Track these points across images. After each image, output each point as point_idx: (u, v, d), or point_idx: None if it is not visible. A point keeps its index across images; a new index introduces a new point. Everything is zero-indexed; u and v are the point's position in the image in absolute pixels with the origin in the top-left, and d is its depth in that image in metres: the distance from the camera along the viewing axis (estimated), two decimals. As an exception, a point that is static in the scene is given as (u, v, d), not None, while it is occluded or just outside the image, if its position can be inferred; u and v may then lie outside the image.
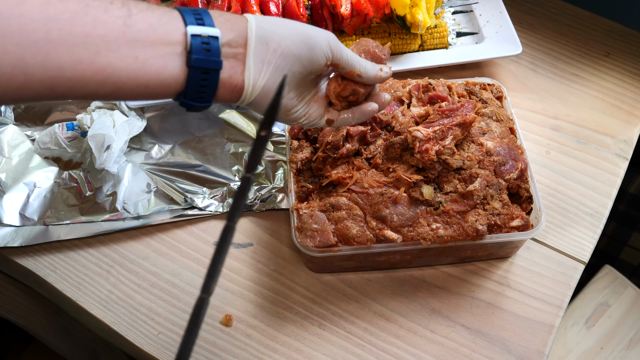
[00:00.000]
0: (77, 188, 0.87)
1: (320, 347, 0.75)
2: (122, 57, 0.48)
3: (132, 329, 0.76)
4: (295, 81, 0.58)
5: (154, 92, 0.51)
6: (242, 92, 0.55)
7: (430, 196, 0.73)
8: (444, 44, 1.00)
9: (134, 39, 0.48)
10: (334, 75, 0.65)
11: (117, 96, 0.50)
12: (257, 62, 0.54)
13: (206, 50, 0.51)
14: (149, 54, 0.49)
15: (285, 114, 0.61)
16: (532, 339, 0.76)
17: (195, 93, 0.52)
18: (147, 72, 0.49)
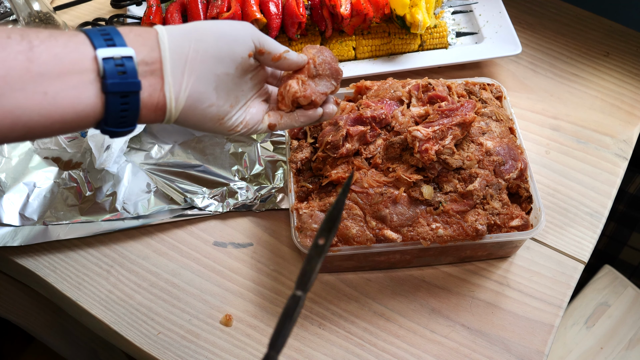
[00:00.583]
0: (76, 188, 0.87)
1: (320, 347, 0.75)
2: (30, 95, 0.44)
3: (132, 329, 0.76)
4: (223, 84, 0.54)
5: (72, 126, 0.48)
6: (165, 109, 0.51)
7: (430, 196, 0.73)
8: (444, 44, 1.00)
9: (40, 74, 0.44)
10: (285, 74, 0.63)
11: (32, 136, 0.47)
12: (175, 74, 0.51)
13: (121, 72, 0.47)
14: (59, 87, 0.45)
15: (217, 123, 0.56)
16: (532, 339, 0.76)
17: (117, 119, 0.49)
18: (61, 106, 0.46)
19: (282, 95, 0.62)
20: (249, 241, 0.84)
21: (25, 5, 0.97)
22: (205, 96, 0.53)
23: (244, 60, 0.56)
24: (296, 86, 0.62)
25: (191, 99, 0.52)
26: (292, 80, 0.62)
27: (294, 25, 0.93)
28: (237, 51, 0.54)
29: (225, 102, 0.56)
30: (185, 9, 0.93)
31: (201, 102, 0.53)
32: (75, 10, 1.13)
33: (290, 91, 0.62)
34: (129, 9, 1.05)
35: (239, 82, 0.57)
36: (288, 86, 0.61)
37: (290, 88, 0.61)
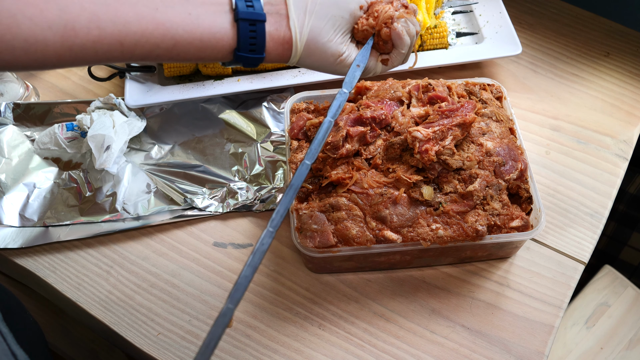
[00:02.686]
0: (76, 188, 0.87)
1: (320, 348, 0.75)
2: (178, 13, 0.55)
3: (132, 330, 0.76)
4: (339, 25, 0.64)
5: (209, 47, 0.57)
6: (292, 42, 0.61)
7: (430, 196, 0.73)
8: (444, 44, 1.00)
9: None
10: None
11: (177, 51, 0.56)
12: (298, 12, 0.61)
13: (250, 6, 0.58)
14: (200, 11, 0.56)
15: (337, 60, 0.65)
16: (531, 339, 0.76)
17: (247, 45, 0.59)
18: (201, 26, 0.56)
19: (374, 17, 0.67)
20: (249, 242, 0.84)
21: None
22: (325, 31, 0.63)
23: (356, 9, 0.65)
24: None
25: (313, 33, 0.62)
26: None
27: (294, 26, 0.92)
28: (351, 1, 0.65)
29: (342, 40, 0.65)
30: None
31: (321, 36, 0.63)
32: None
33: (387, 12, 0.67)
34: (129, 9, 1.04)
35: (349, 27, 0.66)
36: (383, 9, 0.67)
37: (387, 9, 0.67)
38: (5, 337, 0.57)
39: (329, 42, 0.63)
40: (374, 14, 0.67)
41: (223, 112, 0.95)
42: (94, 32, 0.51)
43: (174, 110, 0.96)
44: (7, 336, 0.57)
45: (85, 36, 0.51)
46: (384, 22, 0.67)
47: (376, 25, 0.67)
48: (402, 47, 0.68)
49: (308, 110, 0.85)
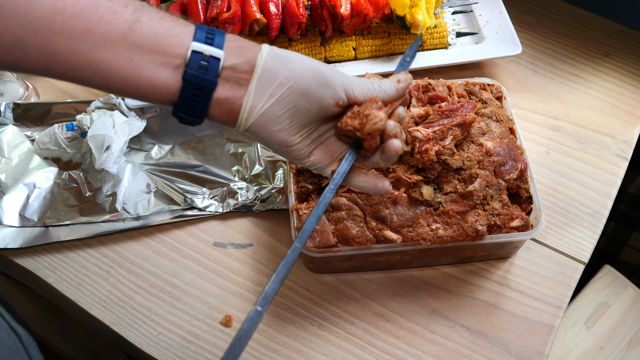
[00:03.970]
0: (76, 188, 0.87)
1: (320, 348, 0.75)
2: (117, 56, 0.50)
3: (132, 330, 0.76)
4: (300, 117, 0.57)
5: (145, 95, 0.53)
6: (238, 116, 0.55)
7: (430, 196, 0.73)
8: (444, 44, 1.00)
9: (133, 43, 0.50)
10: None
11: (108, 89, 0.52)
12: (259, 90, 0.54)
13: (203, 67, 0.52)
14: (145, 60, 0.51)
15: (285, 148, 0.59)
16: (532, 339, 0.76)
17: (186, 106, 0.53)
18: (139, 75, 0.51)
19: (340, 129, 0.59)
20: (249, 242, 0.84)
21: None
22: (278, 121, 0.56)
23: (330, 105, 0.57)
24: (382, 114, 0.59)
25: (263, 118, 0.55)
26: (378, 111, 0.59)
27: (294, 26, 0.93)
28: (326, 96, 0.56)
29: (296, 133, 0.58)
30: (185, 9, 0.93)
31: (272, 124, 0.56)
32: (75, 11, 1.13)
33: (343, 121, 0.59)
34: (129, 9, 1.04)
35: (317, 121, 0.59)
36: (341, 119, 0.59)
37: (342, 120, 0.59)
38: (3, 316, 0.56)
39: (280, 132, 0.57)
40: (362, 117, 0.59)
41: (223, 112, 0.95)
42: (17, 54, 0.48)
43: (174, 110, 0.96)
44: (5, 315, 0.57)
45: (6, 56, 0.48)
46: (370, 132, 0.59)
47: (361, 132, 0.59)
48: (387, 161, 0.61)
49: (308, 110, 0.85)
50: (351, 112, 0.59)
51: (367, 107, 0.59)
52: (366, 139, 0.60)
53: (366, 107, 0.59)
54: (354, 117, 0.59)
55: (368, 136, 0.59)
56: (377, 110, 0.59)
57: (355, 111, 0.59)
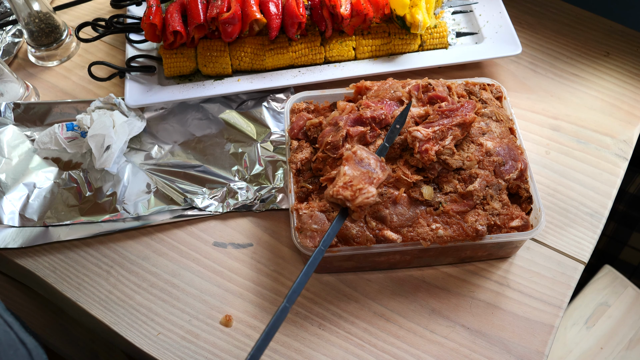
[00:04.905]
0: (77, 188, 0.87)
1: (320, 348, 0.75)
2: None
3: (132, 330, 0.76)
4: None
5: None
6: None
7: (430, 196, 0.73)
8: (444, 44, 1.00)
9: None
10: None
11: None
12: None
13: None
14: None
15: None
16: (532, 339, 0.76)
17: None
18: None
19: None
20: (249, 241, 0.84)
21: (25, 6, 0.97)
22: None
23: None
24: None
25: None
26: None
27: (294, 26, 0.93)
28: None
29: None
30: (185, 9, 0.93)
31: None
32: (75, 10, 1.13)
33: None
34: (129, 9, 1.05)
35: None
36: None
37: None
38: (12, 326, 0.55)
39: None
40: (354, 190, 0.67)
41: (223, 112, 0.95)
42: None
43: (174, 110, 0.96)
44: (14, 325, 0.56)
45: None
46: (361, 206, 0.66)
47: (352, 204, 0.66)
48: None
49: (308, 110, 0.85)
50: (343, 182, 0.62)
51: (360, 180, 0.62)
52: (356, 210, 0.63)
53: (359, 181, 0.62)
54: (346, 187, 0.62)
55: (358, 209, 0.62)
56: (369, 184, 0.62)
57: (347, 182, 0.62)
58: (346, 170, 0.64)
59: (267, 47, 0.95)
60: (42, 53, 1.04)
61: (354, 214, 0.64)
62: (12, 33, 1.09)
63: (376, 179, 0.65)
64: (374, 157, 0.69)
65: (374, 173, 0.65)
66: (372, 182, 0.63)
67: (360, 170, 0.64)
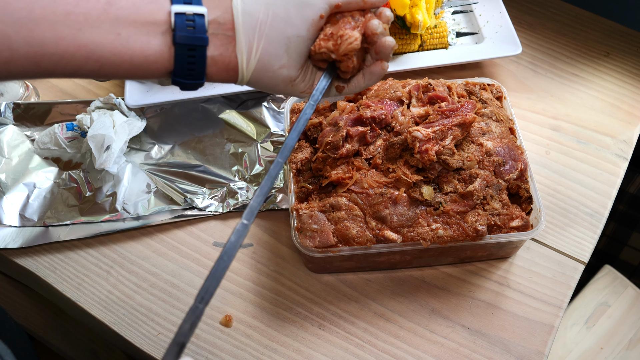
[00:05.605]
0: (76, 188, 0.87)
1: (320, 348, 0.75)
2: (104, 33, 0.49)
3: (132, 330, 0.76)
4: (294, 46, 0.56)
5: (141, 69, 0.51)
6: (237, 69, 0.55)
7: (430, 196, 0.73)
8: (444, 44, 1.00)
9: (116, 17, 0.49)
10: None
11: (104, 73, 0.51)
12: (247, 35, 0.53)
13: (190, 27, 0.51)
14: (132, 32, 0.50)
15: (290, 85, 0.58)
16: (531, 339, 0.76)
17: (184, 70, 0.52)
18: (131, 48, 0.50)
19: (320, 49, 0.57)
20: (249, 241, 0.84)
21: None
22: (276, 58, 0.55)
23: (316, 21, 0.56)
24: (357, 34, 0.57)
25: (262, 61, 0.55)
26: (353, 31, 0.57)
27: (294, 26, 0.92)
28: (307, 14, 0.55)
29: (297, 64, 0.57)
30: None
31: (272, 64, 0.55)
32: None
33: (321, 40, 0.57)
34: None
35: (310, 44, 0.57)
36: (348, 37, 0.57)
37: (349, 39, 0.57)
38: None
39: (281, 69, 0.56)
40: (335, 38, 0.57)
41: (223, 112, 0.95)
42: (4, 53, 0.46)
43: (174, 110, 0.96)
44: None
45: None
46: (346, 53, 0.57)
47: (337, 54, 0.57)
48: (375, 76, 0.61)
49: (308, 110, 0.85)
50: (323, 34, 0.57)
51: (340, 27, 0.57)
52: (342, 60, 0.58)
53: (339, 28, 0.57)
54: (327, 39, 0.57)
55: (344, 57, 0.57)
56: (351, 30, 0.57)
57: (327, 33, 0.57)
58: (328, 25, 0.58)
59: (267, 47, 0.95)
60: (42, 53, 1.04)
61: (342, 64, 0.58)
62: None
63: (358, 22, 0.58)
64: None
65: (358, 20, 0.59)
66: (357, 26, 0.57)
67: (342, 19, 0.58)
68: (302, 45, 0.56)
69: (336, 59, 0.58)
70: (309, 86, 0.60)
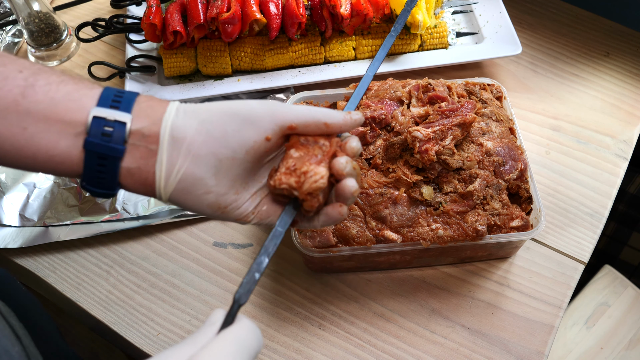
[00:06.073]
0: (76, 188, 0.87)
1: (320, 348, 0.75)
2: (8, 125, 0.45)
3: (132, 330, 0.76)
4: (226, 170, 0.49)
5: (45, 167, 0.48)
6: (155, 185, 0.49)
7: (430, 196, 0.73)
8: (444, 44, 1.00)
9: (27, 110, 0.46)
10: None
11: (8, 163, 0.48)
12: (172, 153, 0.48)
13: (106, 134, 0.47)
14: (40, 128, 0.46)
15: (219, 211, 0.51)
16: (531, 339, 0.76)
17: (94, 179, 0.48)
18: (35, 145, 0.46)
19: (295, 184, 0.51)
20: (249, 241, 0.84)
21: (25, 6, 0.97)
22: (201, 182, 0.49)
23: (258, 144, 0.50)
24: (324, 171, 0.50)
25: (183, 183, 0.49)
26: (318, 167, 0.50)
27: (294, 26, 0.92)
28: (248, 135, 0.49)
29: (229, 189, 0.50)
30: (185, 9, 0.93)
31: (195, 187, 0.49)
32: (75, 10, 1.13)
33: (276, 178, 0.51)
34: (129, 9, 1.05)
35: (251, 167, 0.51)
36: (312, 174, 0.51)
37: (314, 176, 0.50)
38: (10, 323, 0.55)
39: (207, 194, 0.49)
40: (299, 174, 0.50)
41: (223, 112, 0.95)
42: None
43: (174, 110, 0.96)
44: (12, 320, 0.55)
45: None
46: (310, 192, 0.50)
47: (300, 192, 0.50)
48: (336, 217, 0.53)
49: (308, 110, 0.84)
50: (285, 167, 0.50)
51: (305, 161, 0.50)
52: (306, 199, 0.51)
53: (303, 161, 0.50)
54: (289, 173, 0.50)
55: (308, 196, 0.50)
56: (316, 165, 0.50)
57: (290, 165, 0.50)
58: (291, 152, 0.51)
59: (267, 47, 0.95)
60: (42, 53, 1.04)
61: (305, 203, 0.51)
62: (12, 33, 1.09)
63: (325, 152, 0.51)
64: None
65: (323, 146, 0.52)
66: (323, 160, 0.50)
67: (307, 148, 0.51)
68: (238, 169, 0.50)
69: (299, 198, 0.51)
70: (248, 212, 0.52)
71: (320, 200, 0.51)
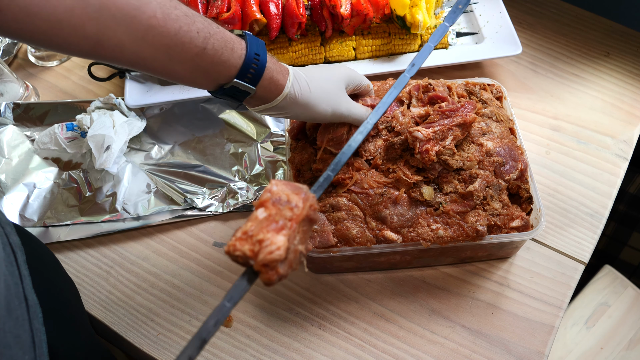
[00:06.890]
0: (76, 189, 0.87)
1: (320, 348, 0.75)
2: (185, 70, 0.60)
3: (132, 330, 0.76)
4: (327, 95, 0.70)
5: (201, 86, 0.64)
6: (282, 89, 0.65)
7: (430, 197, 0.73)
8: (444, 44, 1.00)
9: (198, 65, 0.60)
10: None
11: (176, 82, 0.66)
12: (294, 83, 0.67)
13: (256, 58, 0.63)
14: (201, 77, 0.61)
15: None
16: (532, 340, 0.76)
17: (246, 71, 0.62)
18: (197, 83, 0.62)
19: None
20: (249, 242, 0.84)
21: (25, 6, 0.97)
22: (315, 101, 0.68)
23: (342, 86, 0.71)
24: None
25: (294, 96, 0.67)
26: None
27: (294, 26, 0.92)
28: (338, 81, 0.71)
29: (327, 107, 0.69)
30: (185, 9, 0.93)
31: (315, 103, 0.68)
32: (75, 10, 1.13)
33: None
34: (129, 9, 1.04)
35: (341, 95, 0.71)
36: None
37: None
38: (23, 280, 0.57)
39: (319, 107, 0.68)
40: (253, 242, 0.46)
41: (223, 112, 0.95)
42: (117, 53, 0.55)
43: (174, 110, 0.96)
44: (25, 279, 0.57)
45: (110, 52, 0.55)
46: (266, 264, 0.46)
47: (256, 263, 0.46)
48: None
49: (308, 110, 0.84)
50: (242, 232, 0.45)
51: (263, 227, 0.45)
52: (261, 271, 0.45)
53: (261, 228, 0.45)
54: (245, 239, 0.45)
55: (263, 268, 0.45)
56: (274, 233, 0.45)
57: (248, 230, 0.45)
58: (258, 213, 0.47)
59: (267, 47, 0.95)
60: (42, 53, 1.04)
61: (261, 275, 0.45)
62: (12, 33, 1.09)
63: (293, 216, 0.47)
64: (294, 190, 0.51)
65: (289, 210, 0.47)
66: (284, 226, 0.45)
67: (277, 208, 0.47)
68: (334, 97, 0.71)
69: (254, 269, 0.46)
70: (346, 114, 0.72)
71: (280, 272, 0.46)
